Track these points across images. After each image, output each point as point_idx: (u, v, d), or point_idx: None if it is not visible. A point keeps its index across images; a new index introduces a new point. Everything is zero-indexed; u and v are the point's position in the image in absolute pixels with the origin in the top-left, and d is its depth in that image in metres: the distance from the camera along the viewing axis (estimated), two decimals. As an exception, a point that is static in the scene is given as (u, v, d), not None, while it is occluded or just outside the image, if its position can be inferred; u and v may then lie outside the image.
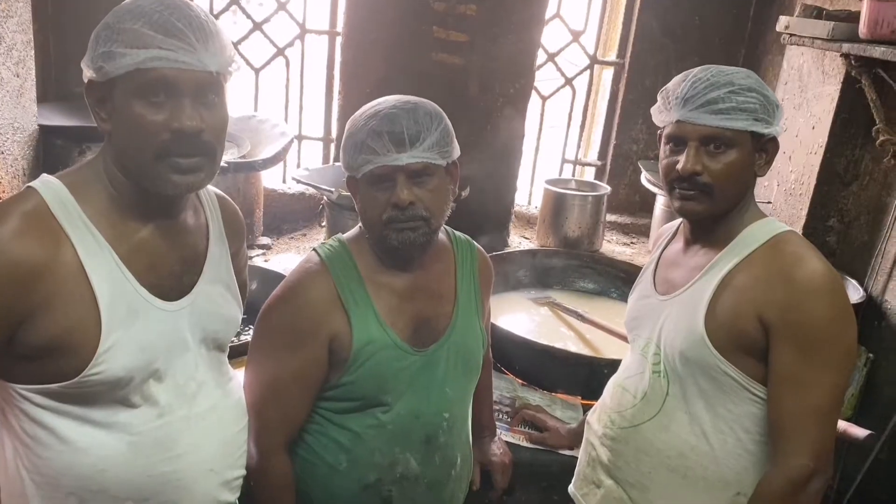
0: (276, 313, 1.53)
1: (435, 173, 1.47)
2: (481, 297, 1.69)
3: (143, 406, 1.27)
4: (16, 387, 1.22)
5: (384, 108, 1.45)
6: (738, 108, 1.41)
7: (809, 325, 1.36)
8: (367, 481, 1.56)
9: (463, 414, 1.68)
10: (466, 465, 1.73)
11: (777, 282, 1.39)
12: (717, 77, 1.43)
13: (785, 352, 1.38)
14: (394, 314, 1.54)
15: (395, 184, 1.44)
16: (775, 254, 1.44)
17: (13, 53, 2.52)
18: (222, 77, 1.23)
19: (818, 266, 1.39)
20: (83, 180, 1.25)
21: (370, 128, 1.43)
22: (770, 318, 1.38)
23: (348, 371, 1.51)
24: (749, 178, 1.50)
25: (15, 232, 1.13)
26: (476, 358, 1.68)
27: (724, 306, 1.44)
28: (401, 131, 1.41)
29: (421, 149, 1.43)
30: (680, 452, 1.51)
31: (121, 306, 1.22)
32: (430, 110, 1.48)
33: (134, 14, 1.16)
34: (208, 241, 1.40)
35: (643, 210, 3.95)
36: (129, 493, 1.27)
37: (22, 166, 2.66)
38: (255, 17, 3.56)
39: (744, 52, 3.79)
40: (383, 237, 1.48)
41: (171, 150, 1.19)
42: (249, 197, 3.20)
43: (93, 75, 1.19)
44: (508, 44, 3.11)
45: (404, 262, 1.55)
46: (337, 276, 1.52)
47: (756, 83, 1.44)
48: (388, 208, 1.44)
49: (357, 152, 1.45)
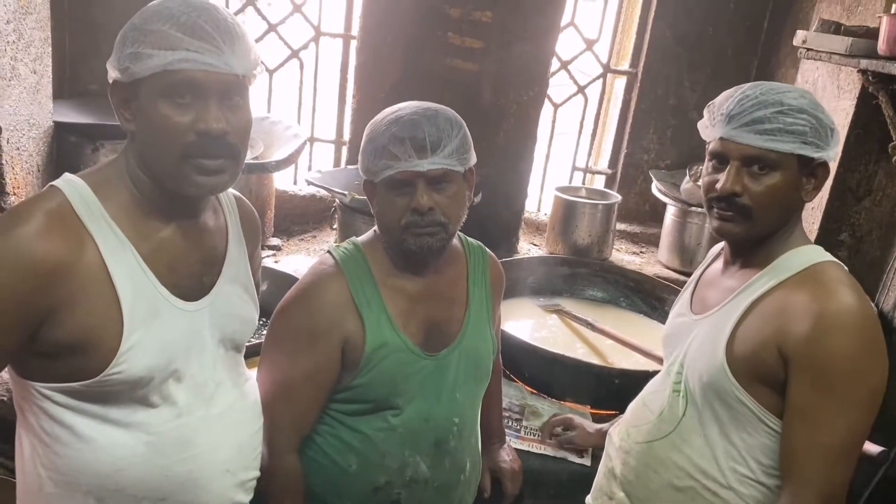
0: (290, 314, 1.54)
1: (454, 180, 1.48)
2: (493, 304, 1.70)
3: (161, 406, 1.28)
4: (36, 385, 1.22)
5: (406, 114, 1.46)
6: (784, 130, 1.35)
7: (829, 362, 1.30)
8: (376, 484, 1.57)
9: (473, 419, 1.69)
10: (475, 470, 1.73)
11: (802, 313, 1.33)
12: (767, 95, 1.37)
13: (802, 386, 1.32)
14: (406, 318, 1.55)
15: (414, 189, 1.45)
16: (807, 283, 1.37)
17: (31, 50, 2.53)
18: (247, 80, 1.24)
19: (849, 301, 1.32)
20: (106, 180, 1.25)
21: (392, 133, 1.44)
22: (790, 351, 1.33)
23: (360, 373, 1.52)
24: (794, 203, 1.43)
25: (39, 230, 1.14)
26: (486, 363, 1.68)
27: (746, 333, 1.40)
28: (423, 138, 1.42)
29: (441, 155, 1.44)
30: (689, 474, 1.49)
31: (142, 306, 1.22)
32: (451, 117, 1.49)
33: (161, 16, 1.16)
34: (227, 241, 1.40)
35: (653, 219, 3.94)
36: (146, 492, 1.27)
37: (37, 162, 2.67)
38: (271, 19, 3.56)
39: (757, 63, 3.79)
40: (401, 241, 1.49)
41: (196, 151, 1.19)
42: (261, 198, 3.20)
43: (118, 76, 1.19)
44: (523, 51, 3.11)
45: (419, 267, 1.56)
46: (351, 279, 1.52)
47: (809, 104, 1.37)
48: (407, 213, 1.45)
49: (377, 157, 1.45)
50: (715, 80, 3.75)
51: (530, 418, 2.23)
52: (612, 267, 3.19)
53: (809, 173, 1.41)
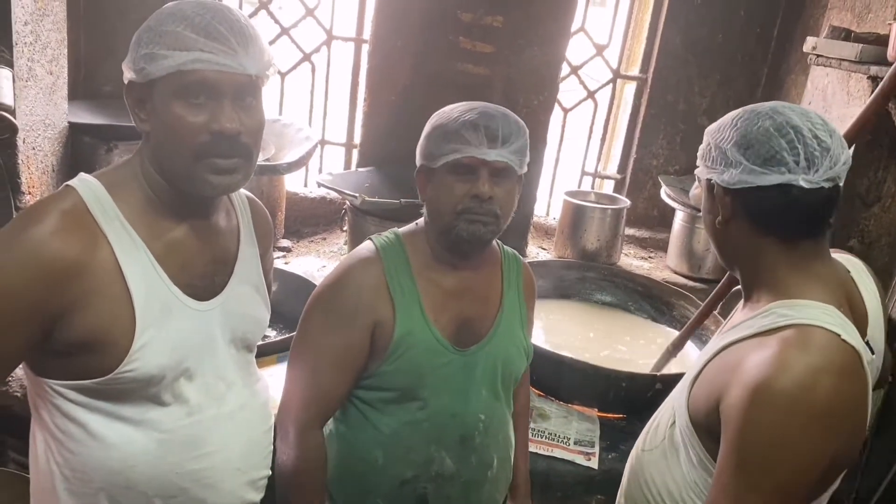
0: (325, 295, 1.58)
1: (511, 177, 1.53)
2: (526, 309, 1.72)
3: (173, 404, 1.29)
4: (50, 382, 1.23)
5: (479, 107, 1.51)
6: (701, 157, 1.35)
7: (747, 438, 1.17)
8: (403, 477, 1.58)
9: (500, 416, 1.69)
10: (505, 468, 1.73)
11: (744, 377, 1.19)
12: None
13: (723, 452, 1.21)
14: (438, 310, 1.57)
15: (477, 177, 1.48)
16: (769, 345, 1.20)
17: (47, 51, 2.56)
18: (260, 80, 1.25)
19: (796, 378, 1.14)
20: (120, 180, 1.26)
21: (466, 120, 1.48)
22: (723, 413, 1.22)
23: (387, 360, 1.54)
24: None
25: (53, 230, 1.15)
26: (517, 367, 1.70)
27: (705, 377, 1.31)
28: (496, 128, 1.47)
29: (508, 150, 1.48)
30: (658, 491, 1.43)
31: (154, 305, 1.23)
32: (519, 120, 1.54)
33: (176, 17, 1.18)
34: (239, 242, 1.42)
35: (662, 225, 3.95)
36: (157, 489, 1.29)
37: (51, 162, 2.70)
38: (283, 23, 3.59)
39: (766, 70, 3.79)
40: (453, 227, 1.51)
41: (210, 151, 1.20)
42: (272, 199, 3.23)
43: (133, 76, 1.21)
44: (533, 56, 3.13)
45: (459, 258, 1.59)
46: (388, 266, 1.56)
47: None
48: (466, 199, 1.49)
49: (445, 141, 1.49)
50: (725, 86, 3.76)
51: (538, 420, 2.24)
52: (621, 271, 3.19)
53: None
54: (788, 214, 1.26)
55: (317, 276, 2.96)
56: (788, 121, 1.24)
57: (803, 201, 1.24)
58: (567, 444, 2.16)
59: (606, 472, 2.09)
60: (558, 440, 2.17)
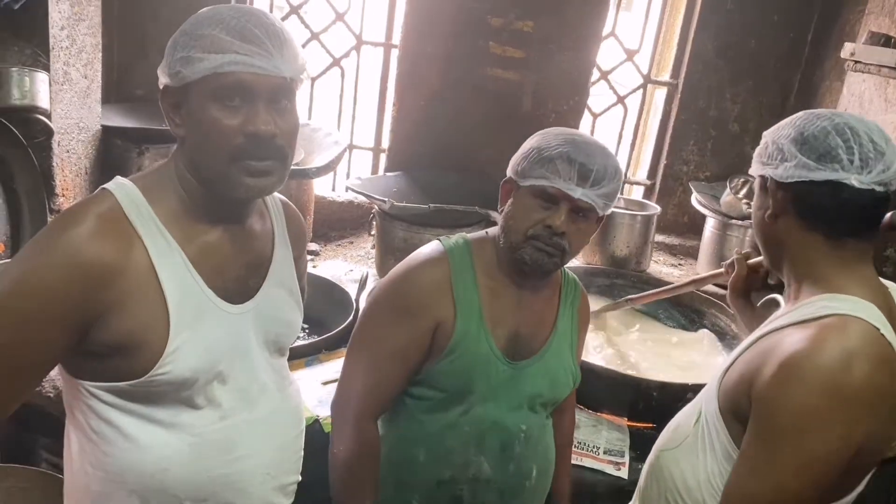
0: (390, 290, 1.59)
1: (590, 218, 1.53)
2: (578, 335, 1.73)
3: (206, 408, 1.29)
4: (85, 384, 1.24)
5: (581, 139, 1.51)
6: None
7: (775, 413, 1.20)
8: (441, 477, 1.60)
9: (542, 428, 1.70)
10: (544, 478, 1.73)
11: (777, 357, 1.22)
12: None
13: (750, 431, 1.25)
14: (496, 321, 1.58)
15: (557, 208, 1.49)
16: (806, 329, 1.23)
17: (82, 56, 2.60)
18: (294, 83, 1.25)
19: (830, 357, 1.17)
20: (155, 184, 1.27)
21: (565, 151, 1.48)
22: (754, 393, 1.25)
23: (442, 360, 1.56)
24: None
25: (90, 233, 1.15)
26: (563, 387, 1.70)
27: (738, 366, 1.33)
28: (591, 168, 1.47)
29: (596, 191, 1.48)
30: (678, 490, 1.44)
31: (189, 308, 1.24)
32: (618, 164, 1.54)
33: (212, 20, 1.18)
34: (273, 245, 1.42)
35: (692, 231, 3.91)
36: (188, 492, 1.29)
37: (85, 165, 2.73)
38: (313, 27, 3.61)
39: (800, 76, 3.74)
40: (518, 249, 1.52)
41: (245, 153, 1.20)
42: (301, 203, 3.24)
43: (168, 81, 1.21)
44: (564, 61, 3.12)
45: (521, 278, 1.60)
46: (454, 268, 1.57)
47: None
48: (539, 226, 1.49)
49: (539, 165, 1.49)
50: (757, 92, 3.71)
51: (566, 429, 2.21)
52: (651, 279, 3.16)
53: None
54: (838, 212, 1.28)
55: (344, 279, 2.97)
56: (847, 122, 1.27)
57: (853, 201, 1.26)
58: (597, 454, 2.13)
59: (636, 482, 2.05)
60: (588, 449, 2.14)
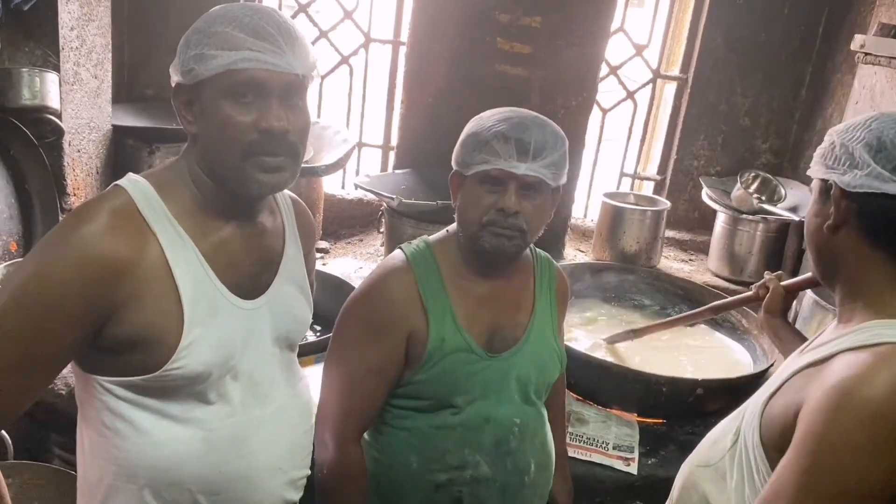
0: (358, 307, 1.58)
1: (543, 191, 1.49)
2: (558, 314, 1.70)
3: (218, 403, 1.30)
4: (100, 379, 1.25)
5: (515, 116, 1.48)
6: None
7: (815, 435, 1.10)
8: (438, 481, 1.58)
9: (537, 421, 1.68)
10: (544, 473, 1.71)
11: (827, 382, 1.12)
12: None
13: (787, 454, 1.14)
14: (470, 318, 1.56)
15: (505, 189, 1.46)
16: (858, 356, 1.13)
17: (92, 56, 2.62)
18: (306, 80, 1.26)
19: (882, 391, 1.06)
20: (168, 180, 1.28)
21: (498, 130, 1.45)
22: (799, 417, 1.14)
23: (422, 369, 1.54)
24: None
25: (104, 228, 1.16)
26: (550, 372, 1.68)
27: (786, 392, 1.23)
28: (528, 141, 1.44)
29: (540, 164, 1.45)
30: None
31: (202, 303, 1.25)
32: (557, 131, 1.50)
33: (225, 18, 1.19)
34: (284, 242, 1.42)
35: (702, 227, 3.90)
36: (201, 487, 1.30)
37: (96, 164, 2.75)
38: (322, 26, 3.62)
39: (811, 70, 3.72)
40: (477, 238, 1.50)
41: (258, 149, 1.21)
42: (311, 201, 3.25)
43: (181, 79, 1.22)
44: (572, 56, 3.11)
45: (488, 268, 1.57)
46: (419, 275, 1.55)
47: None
48: (492, 211, 1.47)
49: (477, 151, 1.47)
50: (768, 86, 3.69)
51: (576, 424, 2.21)
52: (661, 274, 3.15)
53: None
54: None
55: (353, 277, 2.98)
56: None
57: None
58: (606, 449, 2.13)
59: (645, 477, 2.06)
60: (597, 445, 2.14)
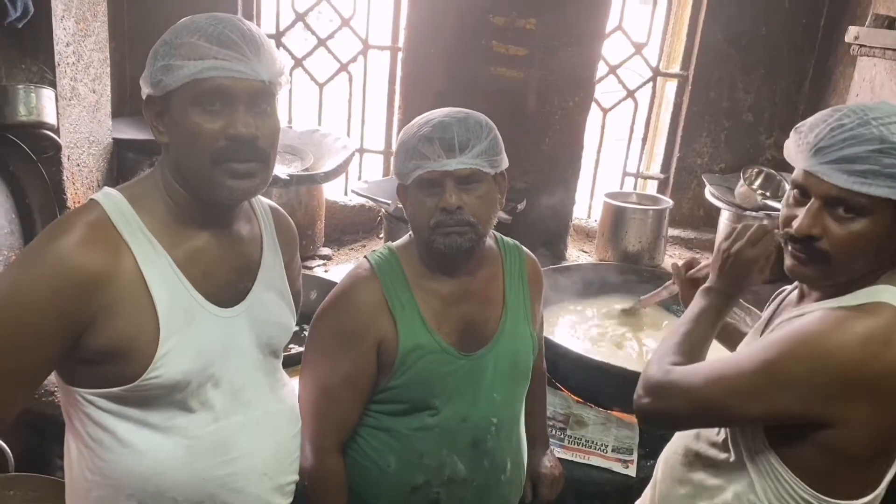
0: (327, 318, 1.59)
1: (483, 180, 1.50)
2: (531, 302, 1.69)
3: (199, 411, 1.31)
4: (81, 391, 1.26)
5: (436, 118, 1.50)
6: (881, 173, 1.14)
7: (776, 341, 1.22)
8: (415, 483, 1.58)
9: (512, 419, 1.68)
10: (519, 471, 1.72)
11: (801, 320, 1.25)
12: (865, 128, 1.15)
13: (751, 349, 1.28)
14: (440, 319, 1.57)
15: (443, 189, 1.47)
16: (843, 311, 1.21)
17: (90, 70, 2.65)
18: (273, 87, 1.27)
19: (851, 332, 1.16)
20: (142, 192, 1.29)
21: (422, 134, 1.48)
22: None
23: (395, 375, 1.54)
24: (885, 251, 1.22)
25: (78, 241, 1.18)
26: (525, 364, 1.68)
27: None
28: (451, 137, 1.46)
29: (470, 155, 1.46)
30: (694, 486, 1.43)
31: (178, 312, 1.25)
32: (480, 120, 1.52)
33: (190, 29, 1.21)
34: (262, 249, 1.43)
35: (707, 225, 3.87)
36: (186, 495, 1.31)
37: (97, 178, 2.78)
38: (320, 34, 3.64)
39: (813, 63, 3.68)
40: (431, 241, 1.51)
41: (227, 156, 1.22)
42: (311, 209, 3.26)
43: (151, 90, 1.24)
44: (568, 57, 3.10)
45: (451, 268, 1.58)
46: (385, 282, 1.56)
47: None
48: (437, 213, 1.48)
49: (408, 158, 1.49)
50: (769, 81, 3.66)
51: (575, 427, 2.21)
52: (664, 273, 3.12)
53: None
54: None
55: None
56: None
57: None
58: (605, 452, 2.12)
59: (644, 479, 2.03)
60: (596, 447, 2.13)
